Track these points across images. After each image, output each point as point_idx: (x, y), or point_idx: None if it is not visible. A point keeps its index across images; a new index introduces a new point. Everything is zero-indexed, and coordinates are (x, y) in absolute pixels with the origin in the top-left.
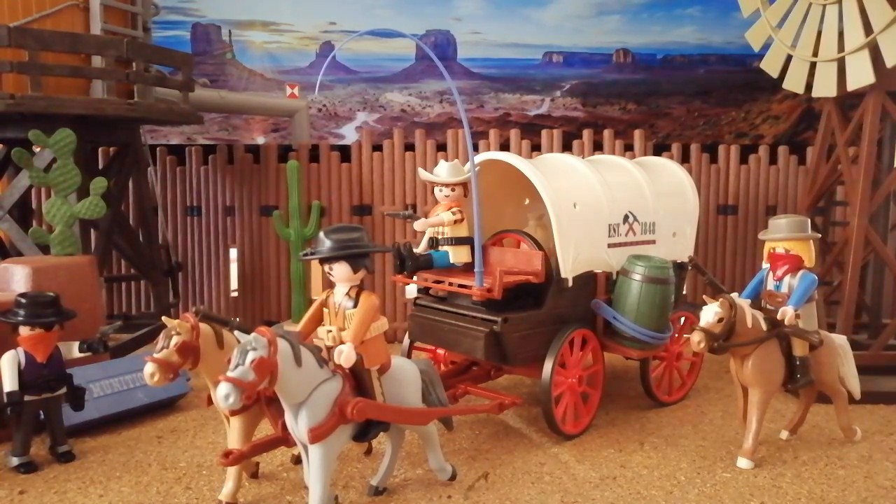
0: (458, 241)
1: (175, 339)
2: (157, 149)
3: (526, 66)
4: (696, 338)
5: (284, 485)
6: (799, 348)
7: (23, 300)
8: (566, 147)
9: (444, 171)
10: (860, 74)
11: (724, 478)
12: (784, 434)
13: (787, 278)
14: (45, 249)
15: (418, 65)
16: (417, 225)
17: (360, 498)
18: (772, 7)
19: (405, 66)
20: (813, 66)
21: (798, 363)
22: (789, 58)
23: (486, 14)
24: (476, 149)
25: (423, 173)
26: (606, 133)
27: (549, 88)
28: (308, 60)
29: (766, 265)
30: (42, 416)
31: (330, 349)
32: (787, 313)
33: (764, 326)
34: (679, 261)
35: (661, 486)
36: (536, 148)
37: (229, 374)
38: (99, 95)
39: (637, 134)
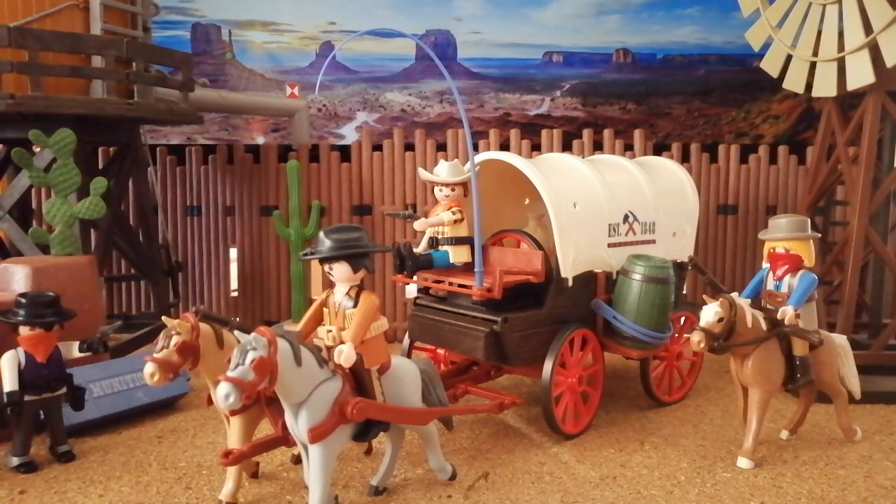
0: (458, 241)
1: (175, 339)
2: (157, 149)
3: (526, 66)
4: (696, 337)
5: (284, 484)
6: (799, 348)
7: (23, 300)
8: (566, 147)
9: (444, 170)
10: (860, 74)
11: (725, 477)
12: (784, 434)
13: (787, 278)
14: (45, 249)
15: (418, 65)
16: (417, 225)
17: (360, 498)
18: (772, 7)
19: (405, 66)
20: (813, 65)
21: (798, 363)
22: (789, 57)
23: (486, 14)
24: (476, 148)
25: (423, 173)
26: (606, 133)
27: (549, 88)
28: (308, 60)
29: (765, 265)
30: (42, 416)
31: (330, 349)
32: (787, 313)
33: (764, 326)
34: (679, 260)
35: (662, 485)
36: (536, 148)
37: (229, 373)
38: (99, 95)
39: (637, 134)
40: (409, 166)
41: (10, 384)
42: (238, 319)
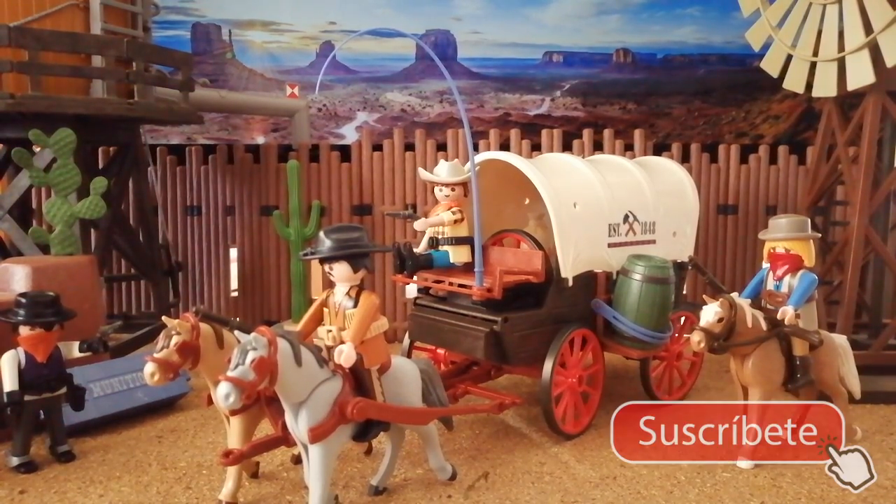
0: (458, 241)
1: (175, 339)
2: (158, 148)
3: (526, 66)
4: (696, 337)
5: (284, 484)
6: (799, 348)
7: (23, 300)
8: (566, 147)
9: (444, 170)
10: (860, 74)
11: (725, 477)
12: None
13: (787, 278)
14: (45, 249)
15: (418, 64)
16: (417, 225)
17: (360, 497)
18: (772, 7)
19: (405, 66)
20: (813, 65)
21: (798, 363)
22: (789, 57)
23: (486, 14)
24: (476, 148)
25: (423, 173)
26: (606, 133)
27: (549, 88)
28: (308, 60)
29: (766, 265)
30: (42, 416)
31: (330, 349)
32: (787, 313)
33: (764, 326)
34: (679, 260)
35: (661, 485)
36: (536, 148)
37: (229, 373)
38: (99, 95)
39: (637, 134)
40: (410, 166)
41: (11, 384)
42: (238, 319)
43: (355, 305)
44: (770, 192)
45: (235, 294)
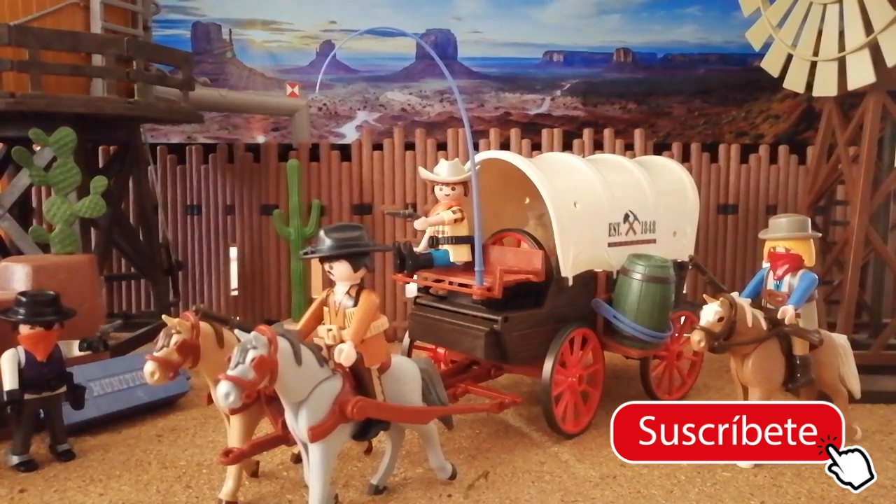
0: (458, 240)
1: (175, 338)
2: (158, 147)
3: (526, 66)
4: (696, 337)
5: (284, 483)
6: (799, 347)
7: (23, 299)
8: (566, 146)
9: (444, 169)
10: (861, 74)
11: (725, 477)
12: None
13: (787, 277)
14: (45, 248)
15: (419, 64)
16: (418, 224)
17: (360, 497)
18: (772, 6)
19: (405, 65)
20: (813, 65)
21: (798, 362)
22: (790, 57)
23: (487, 13)
24: (476, 148)
25: (423, 172)
26: (607, 132)
27: (549, 88)
28: (308, 59)
29: (766, 264)
30: (42, 415)
31: (330, 348)
32: (787, 312)
33: (764, 326)
34: (679, 260)
35: (662, 484)
36: (537, 147)
37: (229, 372)
38: (99, 94)
39: (637, 133)
40: (410, 165)
41: (11, 383)
42: (238, 318)
43: (355, 304)
44: (770, 192)
45: (235, 293)
